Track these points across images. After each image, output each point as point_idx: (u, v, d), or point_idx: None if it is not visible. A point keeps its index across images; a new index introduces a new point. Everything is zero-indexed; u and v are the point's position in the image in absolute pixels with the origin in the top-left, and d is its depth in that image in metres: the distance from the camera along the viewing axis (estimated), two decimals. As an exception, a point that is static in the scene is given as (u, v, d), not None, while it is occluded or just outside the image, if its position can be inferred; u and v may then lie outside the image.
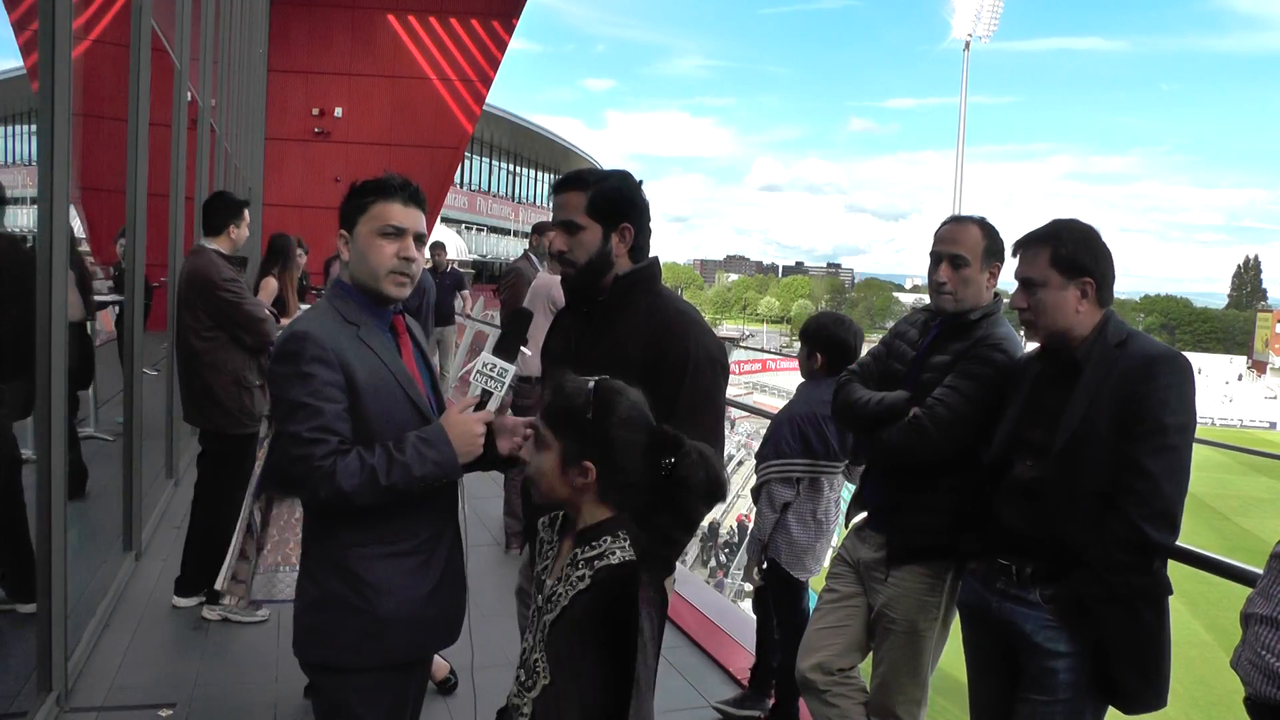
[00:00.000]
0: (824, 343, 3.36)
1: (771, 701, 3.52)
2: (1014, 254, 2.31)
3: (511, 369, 1.96)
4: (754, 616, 3.72)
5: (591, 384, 1.66)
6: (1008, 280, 2.69)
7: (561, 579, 1.62)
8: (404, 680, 1.99)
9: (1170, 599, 2.16)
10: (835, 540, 3.49)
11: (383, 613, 1.88)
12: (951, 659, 2.59)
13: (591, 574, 1.57)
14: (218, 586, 3.29)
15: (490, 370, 1.95)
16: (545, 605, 1.63)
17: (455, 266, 11.78)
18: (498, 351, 1.97)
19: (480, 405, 1.93)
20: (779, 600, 3.46)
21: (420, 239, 1.98)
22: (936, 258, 2.58)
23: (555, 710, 1.57)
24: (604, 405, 1.62)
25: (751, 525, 3.47)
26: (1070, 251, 2.20)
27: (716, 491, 1.67)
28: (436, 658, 3.16)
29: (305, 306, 4.34)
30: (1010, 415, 2.33)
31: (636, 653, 1.49)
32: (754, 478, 3.54)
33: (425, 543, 1.95)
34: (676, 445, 1.63)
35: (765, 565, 3.44)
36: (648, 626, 1.55)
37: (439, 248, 10.02)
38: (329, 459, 1.78)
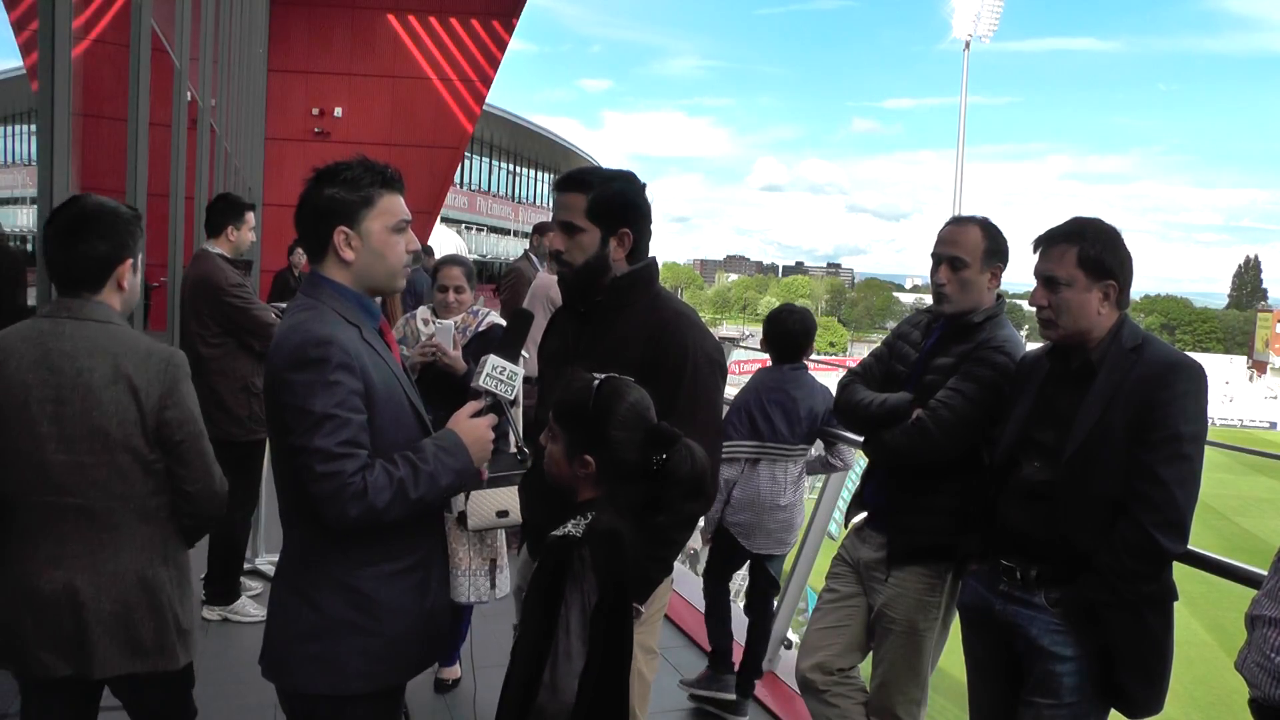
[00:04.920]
0: (770, 332, 3.59)
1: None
2: (1035, 249, 2.27)
3: (520, 371, 1.95)
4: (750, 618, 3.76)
5: (597, 382, 1.76)
6: (1012, 280, 2.69)
7: None
8: (400, 696, 1.94)
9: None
10: (802, 521, 3.72)
11: (394, 633, 1.80)
12: (951, 659, 2.59)
13: (545, 544, 1.72)
14: None
15: (499, 373, 1.93)
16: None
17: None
18: (500, 353, 1.96)
19: (487, 409, 1.90)
20: (726, 567, 3.71)
21: None
22: (937, 259, 2.58)
23: (517, 662, 1.70)
24: (604, 405, 1.73)
25: None
26: (1097, 252, 2.17)
27: (699, 488, 1.75)
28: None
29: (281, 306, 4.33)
30: (1018, 415, 2.32)
31: (556, 620, 1.61)
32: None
33: (425, 557, 1.89)
34: (671, 441, 1.73)
35: (712, 536, 3.66)
36: (574, 599, 1.62)
37: (429, 252, 10.03)
38: (359, 475, 1.66)
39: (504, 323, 3.54)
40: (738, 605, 4.29)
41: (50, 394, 1.95)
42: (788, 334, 3.53)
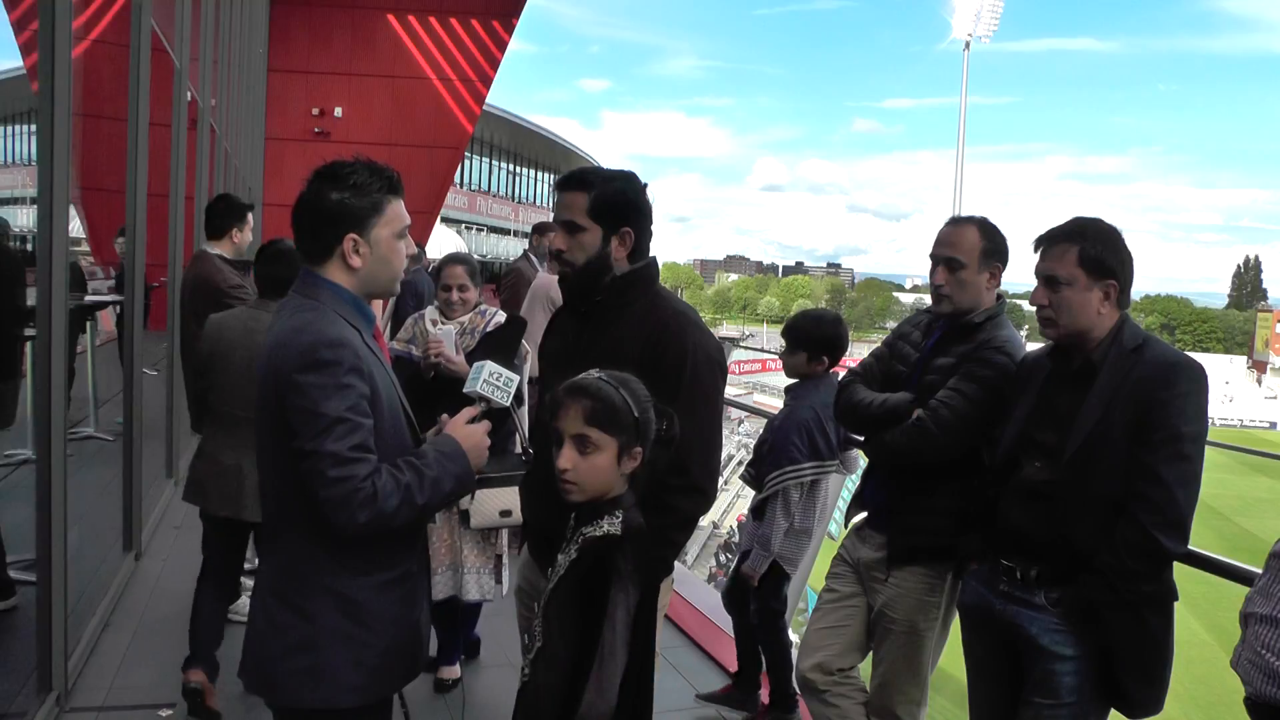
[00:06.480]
0: (819, 336, 3.37)
1: (764, 701, 3.54)
2: (1036, 249, 2.27)
3: (517, 378, 1.96)
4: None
5: (606, 378, 1.77)
6: (1012, 280, 2.69)
7: (565, 553, 1.76)
8: (389, 709, 1.92)
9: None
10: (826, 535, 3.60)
11: (386, 643, 1.79)
12: (951, 659, 2.59)
13: (579, 545, 1.72)
14: None
15: (496, 379, 1.93)
16: (550, 576, 1.79)
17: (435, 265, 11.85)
18: (495, 359, 1.97)
19: (483, 415, 1.90)
20: (765, 588, 3.46)
21: None
22: (934, 260, 2.58)
23: (544, 670, 1.70)
24: (634, 396, 1.76)
25: (756, 533, 3.43)
26: (1098, 252, 2.17)
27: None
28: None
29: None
30: (1019, 415, 2.32)
31: (604, 619, 1.61)
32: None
33: (412, 567, 1.87)
34: (668, 411, 1.83)
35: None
36: (620, 598, 1.63)
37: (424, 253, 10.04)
38: (369, 480, 1.64)
39: None
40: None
41: (245, 352, 3.10)
42: (836, 338, 3.37)
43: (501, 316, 3.54)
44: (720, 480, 3.11)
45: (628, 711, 1.64)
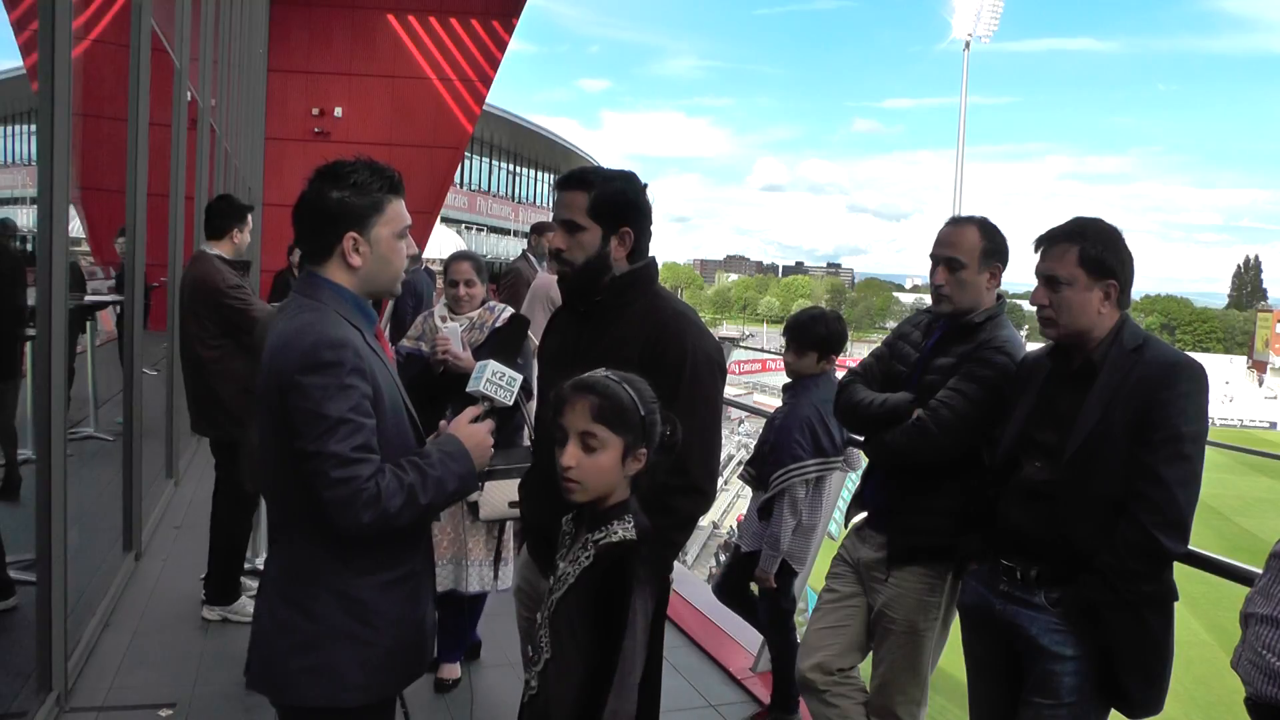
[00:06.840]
0: (822, 335, 3.39)
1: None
2: (1036, 249, 2.27)
3: (520, 377, 1.96)
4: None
5: (614, 376, 1.75)
6: (1012, 280, 2.69)
7: (571, 560, 1.73)
8: (392, 708, 1.93)
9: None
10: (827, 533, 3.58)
11: (390, 643, 1.79)
12: (951, 659, 2.59)
13: (593, 552, 1.69)
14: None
15: (499, 379, 1.93)
16: (555, 585, 1.74)
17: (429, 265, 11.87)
18: (499, 358, 1.97)
19: (487, 414, 1.90)
20: (788, 603, 3.46)
21: None
22: (934, 260, 2.58)
23: (555, 682, 1.67)
24: (642, 397, 1.74)
25: (765, 534, 3.43)
26: (1098, 252, 2.17)
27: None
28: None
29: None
30: (1019, 415, 2.32)
31: (625, 626, 1.59)
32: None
33: (417, 566, 1.88)
34: (671, 417, 1.80)
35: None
36: (639, 604, 1.62)
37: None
38: (372, 480, 1.65)
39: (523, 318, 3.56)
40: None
41: None
42: (842, 335, 3.42)
43: (509, 313, 3.56)
44: (720, 480, 3.09)
45: (641, 715, 1.63)
